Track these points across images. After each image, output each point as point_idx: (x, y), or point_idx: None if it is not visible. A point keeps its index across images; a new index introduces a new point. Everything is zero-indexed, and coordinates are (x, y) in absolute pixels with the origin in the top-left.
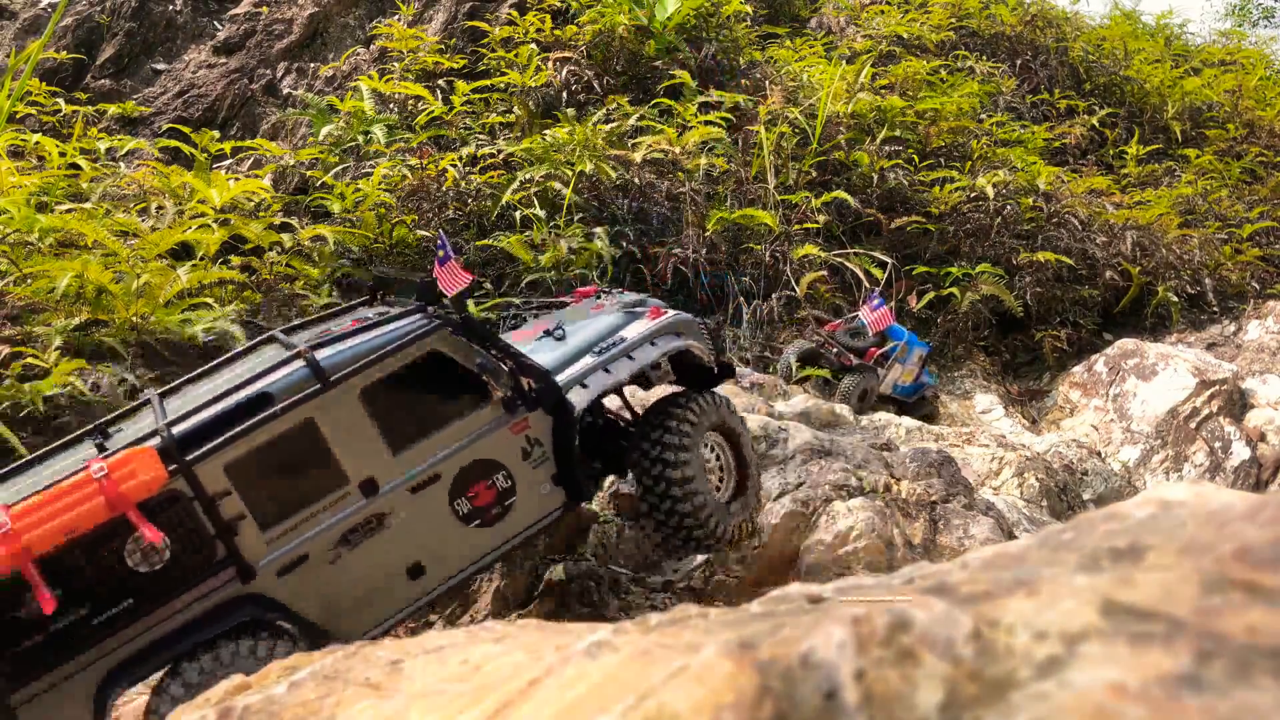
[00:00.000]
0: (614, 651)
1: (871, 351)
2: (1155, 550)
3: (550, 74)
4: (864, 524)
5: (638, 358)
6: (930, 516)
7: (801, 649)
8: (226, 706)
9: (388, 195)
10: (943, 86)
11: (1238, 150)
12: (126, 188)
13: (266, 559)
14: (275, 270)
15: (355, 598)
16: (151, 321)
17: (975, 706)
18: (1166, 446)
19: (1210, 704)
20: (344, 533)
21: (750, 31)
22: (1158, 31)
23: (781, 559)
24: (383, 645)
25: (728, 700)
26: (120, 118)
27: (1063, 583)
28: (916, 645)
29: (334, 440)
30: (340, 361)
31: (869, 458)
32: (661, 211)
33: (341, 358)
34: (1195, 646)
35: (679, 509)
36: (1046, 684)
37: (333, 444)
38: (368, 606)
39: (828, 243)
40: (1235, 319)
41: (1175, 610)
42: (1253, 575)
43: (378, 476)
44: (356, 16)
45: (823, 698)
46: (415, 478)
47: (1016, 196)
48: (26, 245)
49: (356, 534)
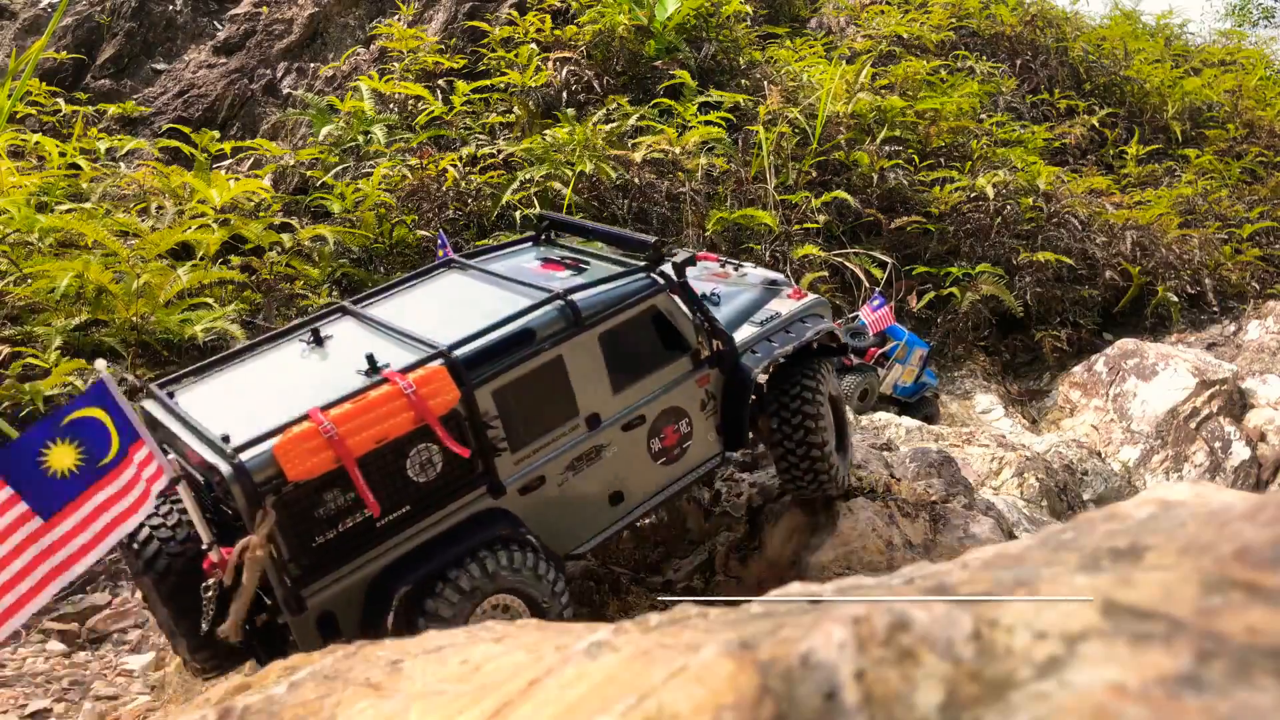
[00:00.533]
0: (614, 651)
1: (871, 351)
2: (1155, 550)
3: (550, 74)
4: (864, 524)
5: (794, 333)
6: (930, 516)
7: (801, 649)
8: (226, 706)
9: (388, 195)
10: (943, 86)
11: (1238, 150)
12: (126, 188)
13: (512, 479)
14: (275, 270)
15: (569, 520)
16: (151, 321)
17: (975, 706)
18: (1166, 446)
19: (1210, 704)
20: (572, 460)
21: (750, 31)
22: (1158, 31)
23: (781, 559)
24: (383, 645)
25: (728, 700)
26: (120, 118)
27: (1063, 582)
28: (916, 645)
29: (574, 377)
30: (590, 306)
31: (869, 458)
32: (661, 211)
33: (591, 303)
34: (1195, 646)
35: (815, 466)
36: (1046, 684)
37: (573, 380)
38: (578, 527)
39: (828, 243)
40: (1235, 319)
41: (1175, 610)
42: (1253, 575)
43: (601, 413)
44: (356, 16)
45: (823, 698)
46: (627, 416)
47: (1016, 196)
48: (26, 245)
49: (580, 462)
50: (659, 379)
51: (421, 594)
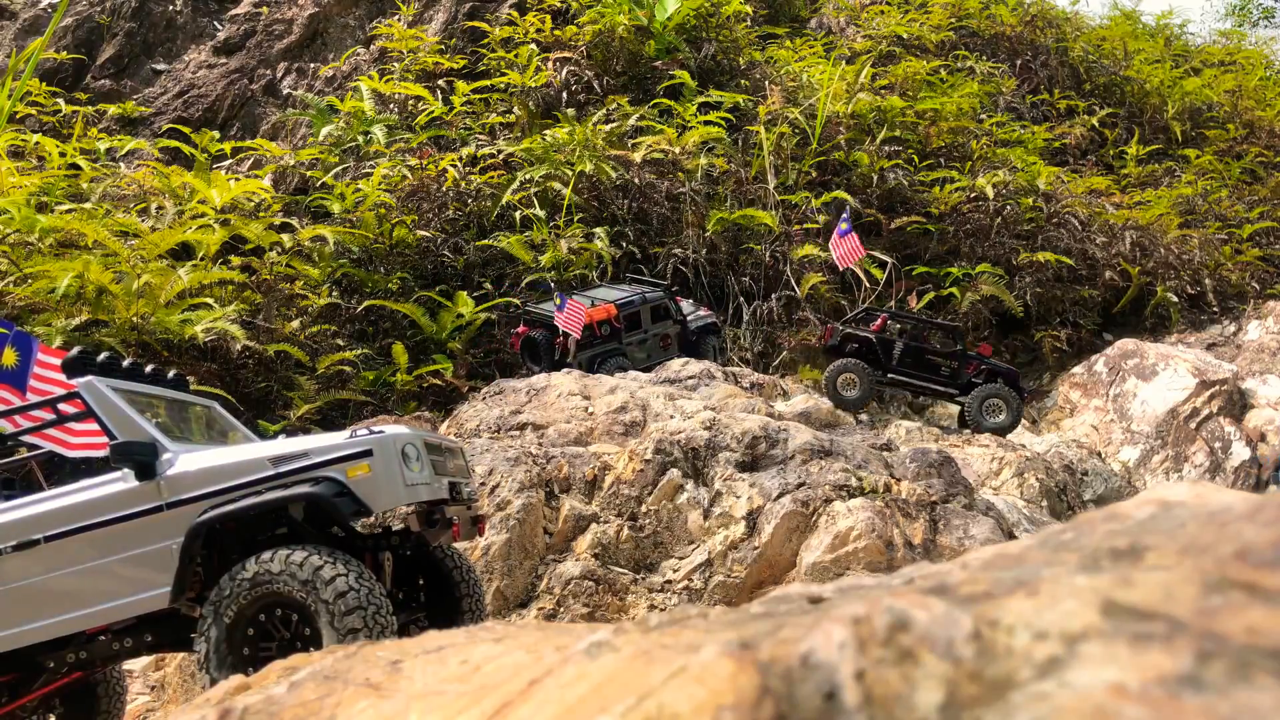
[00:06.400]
0: (614, 652)
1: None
2: (1155, 550)
3: (550, 74)
4: (864, 524)
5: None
6: (930, 516)
7: (802, 649)
8: (226, 707)
9: (388, 195)
10: (943, 86)
11: (1238, 150)
12: (126, 188)
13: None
14: (275, 270)
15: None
16: (152, 321)
17: (975, 706)
18: (1166, 447)
19: (1210, 704)
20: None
21: (750, 31)
22: (1158, 31)
23: (781, 559)
24: (383, 645)
25: (728, 700)
26: (120, 118)
27: (1063, 583)
28: (916, 645)
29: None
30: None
31: (869, 458)
32: (661, 211)
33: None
34: (1195, 647)
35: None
36: (1046, 684)
37: None
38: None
39: (828, 243)
40: (1235, 319)
41: (1175, 610)
42: (1253, 575)
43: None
44: (356, 17)
45: (823, 698)
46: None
47: (1016, 196)
48: (27, 245)
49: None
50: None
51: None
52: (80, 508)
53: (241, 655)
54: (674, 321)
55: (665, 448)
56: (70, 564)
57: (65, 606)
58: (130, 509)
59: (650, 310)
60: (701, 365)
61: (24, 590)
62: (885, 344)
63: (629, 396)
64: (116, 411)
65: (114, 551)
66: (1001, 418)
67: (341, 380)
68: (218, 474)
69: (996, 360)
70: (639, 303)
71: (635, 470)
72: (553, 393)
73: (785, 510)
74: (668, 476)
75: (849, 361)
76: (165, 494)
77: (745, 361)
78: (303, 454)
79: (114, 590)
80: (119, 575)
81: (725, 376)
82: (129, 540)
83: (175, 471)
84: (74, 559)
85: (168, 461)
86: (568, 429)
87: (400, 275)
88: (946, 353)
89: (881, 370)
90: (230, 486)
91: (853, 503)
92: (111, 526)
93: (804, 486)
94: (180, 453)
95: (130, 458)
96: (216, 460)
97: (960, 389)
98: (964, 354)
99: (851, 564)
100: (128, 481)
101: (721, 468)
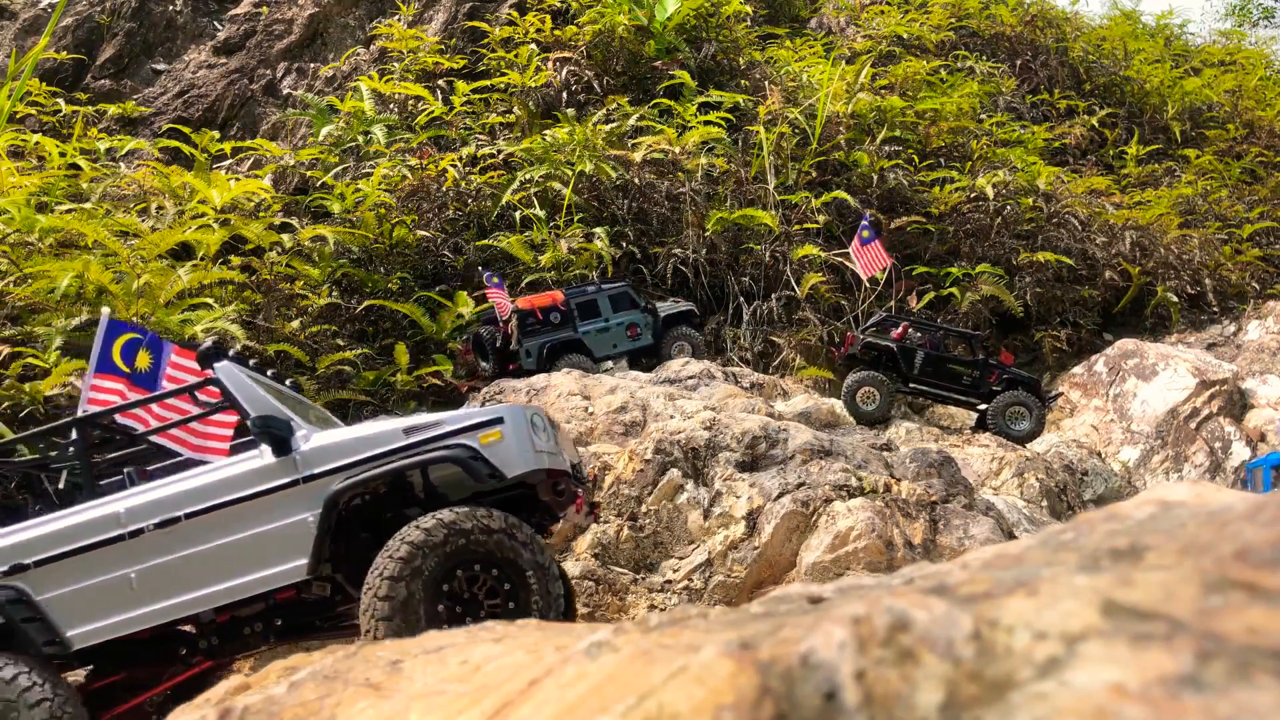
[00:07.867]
0: (614, 651)
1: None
2: (1155, 550)
3: (550, 74)
4: (864, 524)
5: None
6: (930, 516)
7: (802, 649)
8: (226, 707)
9: (388, 195)
10: (943, 86)
11: (1238, 150)
12: (126, 188)
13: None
14: (275, 270)
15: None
16: (152, 321)
17: (975, 706)
18: (1166, 447)
19: (1210, 704)
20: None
21: (750, 31)
22: (1158, 31)
23: (781, 559)
24: (383, 645)
25: (728, 700)
26: (120, 118)
27: (1063, 583)
28: (916, 645)
29: None
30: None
31: (869, 458)
32: (661, 211)
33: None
34: (1195, 647)
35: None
36: (1046, 684)
37: None
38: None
39: (827, 243)
40: (1235, 319)
41: (1175, 610)
42: (1253, 575)
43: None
44: (356, 17)
45: (823, 698)
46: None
47: (1016, 196)
48: (27, 245)
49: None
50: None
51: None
52: (218, 485)
53: (435, 612)
54: (643, 311)
55: (665, 448)
56: (209, 540)
57: (207, 581)
58: (268, 484)
59: (610, 299)
60: (701, 365)
61: (167, 566)
62: (907, 353)
63: (629, 396)
64: (252, 392)
65: (252, 526)
66: (1025, 424)
67: (341, 380)
68: (353, 446)
69: (1018, 369)
70: (593, 291)
71: (635, 470)
72: (553, 393)
73: (785, 510)
74: (668, 476)
75: (869, 374)
76: (301, 468)
77: (745, 361)
78: (436, 423)
79: (253, 564)
80: (258, 549)
81: (725, 376)
82: (267, 514)
83: (310, 446)
84: (213, 534)
85: (303, 438)
86: (568, 429)
87: (400, 275)
88: (969, 361)
89: (902, 379)
90: (366, 458)
91: (853, 503)
92: (250, 502)
93: (804, 486)
94: (313, 430)
95: (268, 431)
96: (351, 434)
97: (982, 398)
98: (986, 363)
99: (851, 564)
100: (264, 458)
101: (721, 468)
